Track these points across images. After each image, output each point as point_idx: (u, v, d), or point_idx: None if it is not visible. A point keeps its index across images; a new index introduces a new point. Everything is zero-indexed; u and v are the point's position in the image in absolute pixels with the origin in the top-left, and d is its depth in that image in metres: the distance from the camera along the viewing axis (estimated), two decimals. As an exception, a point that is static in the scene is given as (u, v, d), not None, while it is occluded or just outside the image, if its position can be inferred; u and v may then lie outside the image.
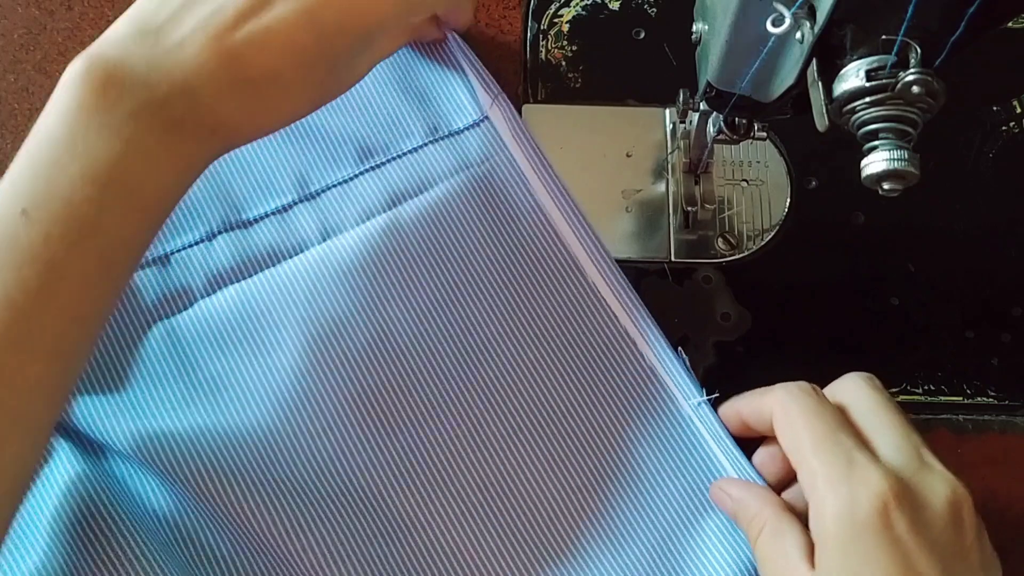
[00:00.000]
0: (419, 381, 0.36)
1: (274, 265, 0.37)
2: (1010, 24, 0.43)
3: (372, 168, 0.39)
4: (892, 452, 0.30)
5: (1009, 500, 0.37)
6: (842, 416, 0.31)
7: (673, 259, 0.40)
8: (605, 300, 0.38)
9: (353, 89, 0.35)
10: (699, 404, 0.36)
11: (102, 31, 0.42)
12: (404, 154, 0.40)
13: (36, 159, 0.29)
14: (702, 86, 0.32)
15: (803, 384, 0.32)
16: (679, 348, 0.37)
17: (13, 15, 0.42)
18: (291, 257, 0.38)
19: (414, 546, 0.34)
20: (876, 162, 0.25)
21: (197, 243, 0.38)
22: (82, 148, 0.28)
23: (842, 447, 0.29)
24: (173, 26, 0.30)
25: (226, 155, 0.33)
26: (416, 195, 0.39)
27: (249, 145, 0.34)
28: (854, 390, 0.32)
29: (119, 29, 0.30)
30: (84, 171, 0.28)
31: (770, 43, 0.26)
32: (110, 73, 0.29)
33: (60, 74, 0.41)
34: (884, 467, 0.29)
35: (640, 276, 0.40)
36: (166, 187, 0.30)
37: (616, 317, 0.38)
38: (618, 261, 0.40)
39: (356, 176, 0.39)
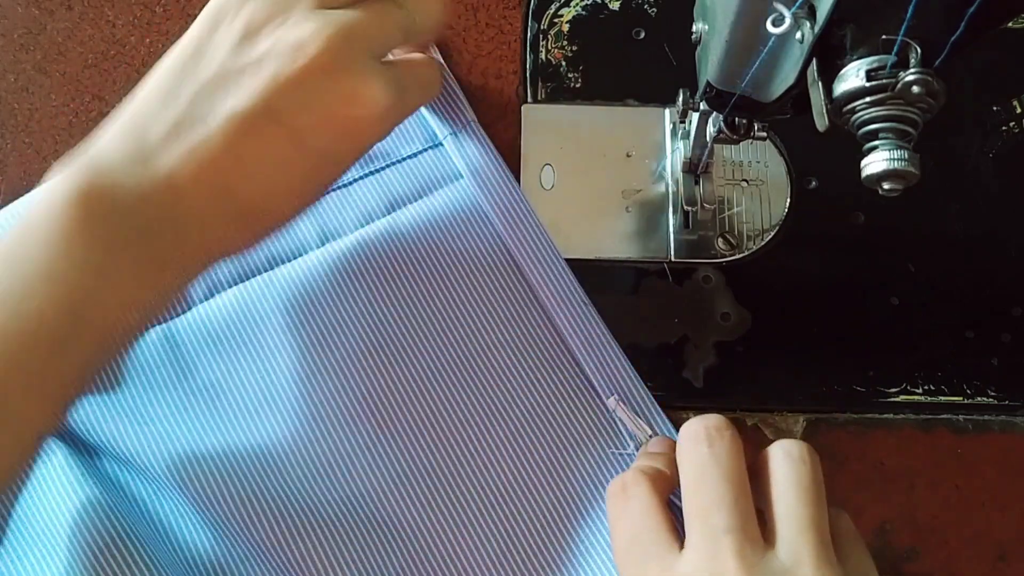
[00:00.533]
0: (419, 385, 0.36)
1: (272, 269, 0.37)
2: (1010, 24, 0.43)
3: (371, 173, 0.39)
4: (781, 540, 0.28)
5: (1009, 500, 0.37)
6: (737, 480, 0.29)
7: (673, 259, 0.40)
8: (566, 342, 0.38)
9: None
10: (626, 455, 0.36)
11: (102, 31, 0.42)
12: (404, 159, 0.40)
13: (6, 274, 0.27)
14: (702, 86, 0.32)
15: (703, 427, 0.30)
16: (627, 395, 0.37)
17: (13, 15, 0.42)
18: (289, 261, 0.38)
19: (414, 550, 0.34)
20: (876, 162, 0.25)
21: None
22: (53, 276, 0.27)
23: (716, 528, 0.27)
24: (164, 149, 0.29)
25: None
26: (415, 200, 0.39)
27: None
28: (781, 462, 0.29)
29: (112, 145, 0.29)
30: (52, 299, 0.27)
31: (770, 43, 0.26)
32: (95, 202, 0.28)
33: (60, 74, 0.41)
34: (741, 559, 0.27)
35: (640, 276, 0.40)
36: (136, 320, 0.30)
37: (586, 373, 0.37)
38: (618, 261, 0.40)
39: (355, 181, 0.39)
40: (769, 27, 0.25)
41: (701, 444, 0.29)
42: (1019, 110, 0.43)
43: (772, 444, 0.30)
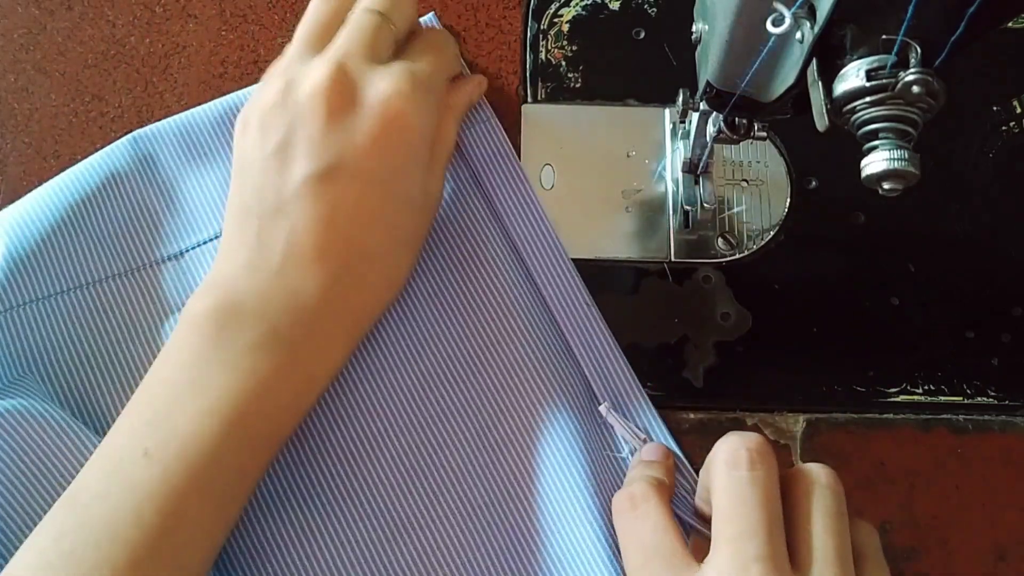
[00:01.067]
0: (426, 383, 0.36)
1: None
2: (1010, 24, 0.43)
3: None
4: (807, 570, 0.28)
5: (1009, 500, 0.37)
6: (772, 507, 0.28)
7: (673, 259, 0.40)
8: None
9: None
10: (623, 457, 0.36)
11: (102, 31, 0.42)
12: None
13: (156, 398, 0.30)
14: (702, 86, 0.32)
15: (742, 448, 0.29)
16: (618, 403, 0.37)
17: (13, 15, 0.42)
18: None
19: (421, 545, 0.34)
20: (876, 162, 0.25)
21: (210, 240, 0.38)
22: (202, 386, 0.29)
23: (747, 555, 0.27)
24: (268, 247, 0.31)
25: None
26: None
27: None
28: (809, 489, 0.29)
29: (225, 266, 0.32)
30: (204, 408, 0.29)
31: (770, 43, 0.26)
32: (226, 313, 0.30)
33: (60, 74, 0.42)
34: None
35: (640, 276, 0.40)
36: (285, 411, 0.31)
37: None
38: (618, 261, 0.40)
39: None
40: (769, 27, 0.25)
41: (741, 467, 0.29)
42: (1019, 110, 0.43)
43: (798, 467, 0.30)
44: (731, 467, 0.29)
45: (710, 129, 0.36)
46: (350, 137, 0.32)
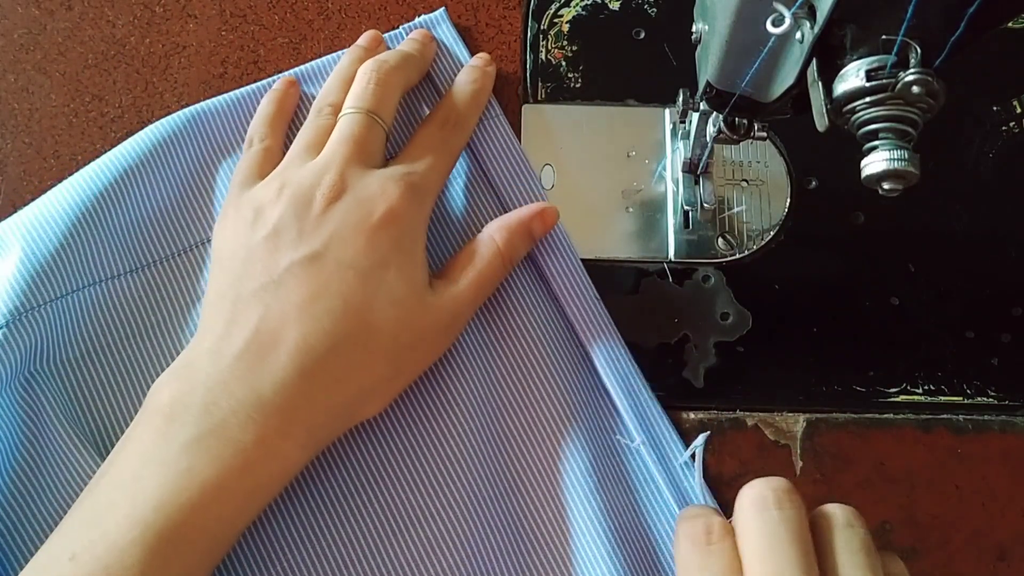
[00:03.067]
0: (431, 376, 0.36)
1: None
2: (1010, 24, 0.43)
3: None
4: None
5: (1009, 500, 0.37)
6: (806, 545, 0.28)
7: (673, 259, 0.40)
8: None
9: None
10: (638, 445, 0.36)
11: (102, 31, 0.42)
12: None
13: (97, 496, 0.28)
14: (702, 86, 0.32)
15: (769, 491, 0.29)
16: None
17: (13, 15, 0.42)
18: None
19: (427, 539, 0.34)
20: (876, 162, 0.25)
21: None
22: (138, 487, 0.28)
23: None
24: (234, 333, 0.31)
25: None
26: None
27: None
28: (837, 531, 0.29)
29: (189, 352, 0.31)
30: (135, 515, 0.27)
31: (770, 43, 0.26)
32: (174, 405, 0.29)
33: (60, 74, 0.42)
34: None
35: (640, 276, 0.40)
36: (226, 522, 0.29)
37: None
38: (618, 261, 0.40)
39: None
40: (769, 27, 0.25)
41: (769, 508, 0.28)
42: (1019, 110, 0.43)
43: (819, 510, 0.29)
44: (760, 509, 0.28)
45: (710, 129, 0.36)
46: (338, 229, 0.32)
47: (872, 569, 0.28)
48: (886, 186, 0.25)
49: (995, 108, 0.43)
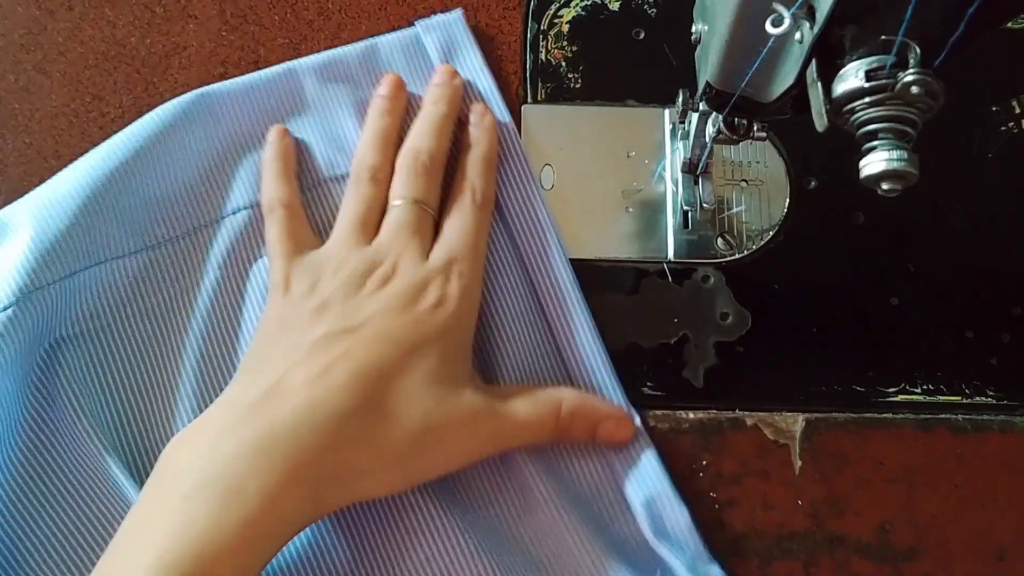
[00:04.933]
0: None
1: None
2: (1010, 24, 0.43)
3: None
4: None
5: (1008, 500, 0.37)
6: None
7: (672, 259, 0.40)
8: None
9: None
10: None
11: (102, 31, 0.42)
12: None
13: (116, 540, 0.28)
14: (702, 86, 0.32)
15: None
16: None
17: (13, 15, 0.42)
18: None
19: (433, 540, 0.34)
20: (875, 162, 0.25)
21: (244, 209, 0.39)
22: (137, 542, 0.28)
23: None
24: (256, 382, 0.31)
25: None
26: None
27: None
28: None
29: (212, 405, 0.31)
30: (138, 561, 0.27)
31: (770, 43, 0.26)
32: (180, 450, 0.30)
33: (60, 74, 0.42)
34: None
35: (640, 276, 0.40)
36: (228, 571, 0.28)
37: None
38: (618, 261, 0.40)
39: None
40: (769, 27, 0.25)
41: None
42: (1019, 110, 0.43)
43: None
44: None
45: (710, 129, 0.36)
46: (384, 308, 0.33)
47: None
48: (885, 186, 0.25)
49: (995, 108, 0.43)
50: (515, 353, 0.37)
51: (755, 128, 0.35)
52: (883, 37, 0.24)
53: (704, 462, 0.37)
